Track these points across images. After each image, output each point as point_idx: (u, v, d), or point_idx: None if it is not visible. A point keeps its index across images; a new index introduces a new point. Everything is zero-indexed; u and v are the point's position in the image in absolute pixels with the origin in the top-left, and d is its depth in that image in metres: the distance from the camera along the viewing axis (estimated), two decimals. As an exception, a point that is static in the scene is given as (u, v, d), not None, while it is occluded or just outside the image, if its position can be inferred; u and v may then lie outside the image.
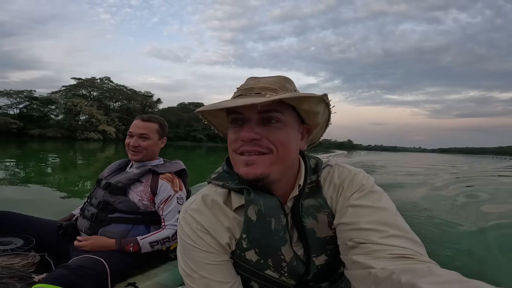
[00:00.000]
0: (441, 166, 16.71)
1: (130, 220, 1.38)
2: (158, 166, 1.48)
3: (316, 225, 0.68)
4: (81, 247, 1.29)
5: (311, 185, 0.70)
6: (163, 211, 1.40)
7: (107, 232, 1.34)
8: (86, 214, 1.40)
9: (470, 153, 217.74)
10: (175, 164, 1.55)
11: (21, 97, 47.89)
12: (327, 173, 0.72)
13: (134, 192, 1.41)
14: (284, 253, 0.67)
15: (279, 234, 0.67)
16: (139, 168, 1.48)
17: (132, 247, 1.30)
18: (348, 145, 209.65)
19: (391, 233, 0.56)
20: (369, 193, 0.64)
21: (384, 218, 0.59)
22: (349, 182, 0.68)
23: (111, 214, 1.37)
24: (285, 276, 0.69)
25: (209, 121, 0.75)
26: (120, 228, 1.36)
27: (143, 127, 1.48)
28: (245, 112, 0.63)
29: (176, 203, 1.41)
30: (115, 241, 1.31)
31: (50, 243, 1.38)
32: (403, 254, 0.52)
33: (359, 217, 0.60)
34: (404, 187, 6.70)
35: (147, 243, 1.33)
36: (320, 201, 0.69)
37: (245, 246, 0.68)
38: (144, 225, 1.41)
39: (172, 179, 1.45)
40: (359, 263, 0.55)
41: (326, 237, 0.68)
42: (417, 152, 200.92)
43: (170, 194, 1.41)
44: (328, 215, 0.68)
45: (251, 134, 0.62)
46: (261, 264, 0.69)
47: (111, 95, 60.59)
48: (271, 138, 0.63)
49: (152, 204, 1.42)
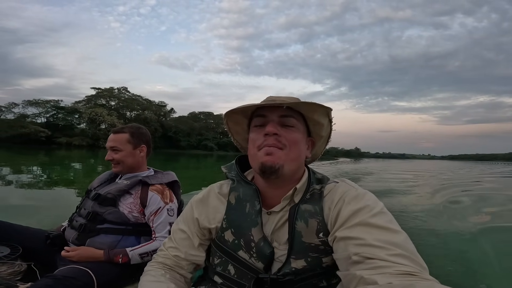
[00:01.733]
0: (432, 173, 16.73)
1: (119, 231, 1.36)
2: (148, 177, 1.47)
3: (305, 229, 0.72)
4: (68, 258, 1.26)
5: (312, 192, 0.76)
6: (153, 222, 1.38)
7: (95, 243, 1.32)
8: (74, 225, 1.38)
9: (481, 160, 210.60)
10: (166, 175, 1.53)
11: (48, 106, 50.74)
12: (332, 186, 0.77)
13: (123, 204, 1.39)
14: (254, 234, 0.75)
15: (251, 216, 0.77)
16: (129, 179, 1.45)
17: (121, 258, 1.28)
18: (355, 153, 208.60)
19: (398, 252, 0.56)
20: (381, 214, 0.65)
21: (393, 239, 0.59)
22: (352, 198, 0.70)
23: (100, 225, 1.35)
24: (254, 257, 0.75)
25: (229, 127, 0.87)
26: (109, 239, 1.34)
27: (112, 139, 1.48)
28: (269, 115, 0.76)
29: (167, 215, 1.39)
30: (103, 252, 1.28)
31: (37, 252, 1.36)
32: (408, 271, 0.53)
33: (369, 234, 0.61)
34: (394, 194, 6.76)
35: (137, 254, 1.31)
36: (316, 208, 0.74)
37: (224, 226, 0.80)
38: (134, 236, 1.39)
39: (162, 191, 1.43)
40: (363, 279, 0.55)
41: (311, 244, 0.72)
42: (426, 159, 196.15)
43: (160, 206, 1.39)
44: (319, 222, 0.72)
45: (274, 129, 0.73)
46: (235, 245, 0.78)
47: (127, 104, 62.46)
48: (288, 137, 0.74)
49: (142, 216, 1.40)
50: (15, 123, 44.19)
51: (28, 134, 41.64)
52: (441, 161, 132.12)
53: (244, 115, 0.82)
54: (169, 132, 66.35)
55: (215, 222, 0.82)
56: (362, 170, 16.85)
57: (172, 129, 67.66)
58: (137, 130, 1.53)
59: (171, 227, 0.92)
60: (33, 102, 49.59)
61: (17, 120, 46.14)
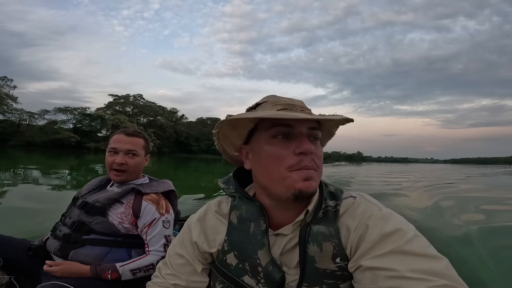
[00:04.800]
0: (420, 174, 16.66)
1: (108, 242, 1.23)
2: (143, 185, 1.34)
3: (319, 253, 0.61)
4: (50, 273, 1.15)
5: (326, 210, 0.64)
6: (146, 235, 1.26)
7: (80, 255, 1.19)
8: (57, 234, 1.26)
9: (483, 163, 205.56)
10: (162, 184, 1.40)
11: (76, 113, 54.35)
12: (350, 203, 0.65)
13: (113, 214, 1.26)
14: (260, 257, 0.65)
15: (257, 238, 0.66)
16: (120, 186, 1.33)
17: (110, 274, 1.16)
18: (357, 157, 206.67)
19: (441, 284, 0.48)
20: (416, 238, 0.55)
21: (434, 268, 0.50)
22: (378, 219, 0.59)
23: (86, 236, 1.22)
24: (262, 283, 0.65)
25: (220, 142, 0.71)
26: (96, 250, 1.21)
27: (130, 142, 1.34)
28: (297, 126, 0.61)
29: (162, 227, 1.27)
30: (90, 267, 1.16)
31: (20, 264, 1.26)
32: None
33: (403, 264, 0.51)
34: (383, 197, 6.49)
35: (128, 270, 1.18)
36: (331, 230, 0.62)
37: (226, 249, 0.70)
38: (125, 248, 1.26)
39: (157, 201, 1.31)
40: None
41: (326, 270, 0.61)
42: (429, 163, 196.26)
43: (155, 217, 1.27)
44: (335, 246, 0.61)
45: (312, 147, 0.60)
46: (239, 269, 0.68)
47: (142, 110, 65.52)
48: (318, 155, 0.63)
49: (134, 228, 1.28)
50: (48, 129, 47.61)
51: (61, 140, 44.96)
52: (444, 165, 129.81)
53: (252, 120, 0.66)
54: (181, 138, 70.37)
55: (216, 245, 0.72)
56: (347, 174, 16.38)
57: (183, 134, 71.54)
58: (148, 137, 1.46)
59: (167, 251, 0.83)
60: (63, 109, 53.53)
61: (49, 126, 49.18)
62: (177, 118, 76.08)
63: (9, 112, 48.01)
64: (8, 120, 47.65)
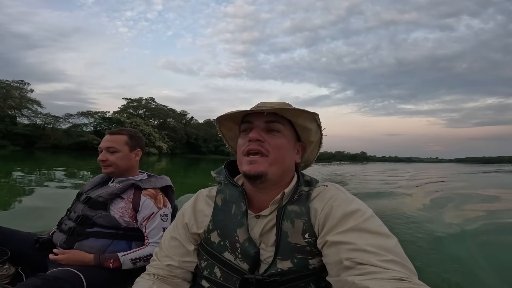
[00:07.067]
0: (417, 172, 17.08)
1: (110, 235, 1.32)
2: (142, 181, 1.43)
3: (291, 229, 0.71)
4: (57, 261, 1.23)
5: (300, 194, 0.76)
6: (146, 228, 1.34)
7: (84, 247, 1.28)
8: (63, 228, 1.34)
9: (487, 162, 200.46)
10: (160, 179, 1.49)
11: (96, 117, 57.03)
12: (321, 189, 0.77)
13: (115, 208, 1.35)
14: (239, 234, 0.74)
15: (237, 218, 0.76)
16: (121, 182, 1.42)
17: (112, 263, 1.24)
18: (361, 156, 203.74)
19: (390, 258, 0.57)
20: (372, 218, 0.66)
21: (385, 244, 0.60)
22: (342, 202, 0.70)
23: (89, 229, 1.31)
24: (239, 258, 0.74)
25: (223, 134, 0.88)
26: (99, 243, 1.30)
27: (110, 140, 1.43)
28: (255, 121, 0.76)
29: (160, 220, 1.35)
30: (93, 256, 1.24)
31: (26, 256, 1.33)
32: (399, 277, 0.54)
33: (361, 239, 0.61)
34: (379, 196, 6.66)
35: (129, 259, 1.27)
36: (302, 209, 0.73)
37: (211, 228, 0.80)
38: (125, 241, 1.35)
39: (155, 195, 1.39)
40: (354, 284, 0.55)
41: (297, 244, 0.71)
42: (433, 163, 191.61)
43: (153, 211, 1.35)
44: (304, 223, 0.71)
45: (257, 135, 0.74)
46: (221, 246, 0.77)
47: (154, 113, 67.46)
48: (271, 143, 0.74)
49: (134, 221, 1.36)
50: (72, 132, 50.28)
51: (85, 142, 46.82)
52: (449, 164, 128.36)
53: (235, 121, 0.83)
54: (191, 139, 73.44)
55: (203, 225, 0.82)
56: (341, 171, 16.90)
57: (193, 135, 74.47)
58: (135, 133, 1.52)
59: (162, 236, 0.91)
60: (85, 113, 56.88)
61: (72, 129, 51.75)
62: (187, 120, 78.24)
63: (35, 116, 51.61)
64: (35, 124, 51.13)
